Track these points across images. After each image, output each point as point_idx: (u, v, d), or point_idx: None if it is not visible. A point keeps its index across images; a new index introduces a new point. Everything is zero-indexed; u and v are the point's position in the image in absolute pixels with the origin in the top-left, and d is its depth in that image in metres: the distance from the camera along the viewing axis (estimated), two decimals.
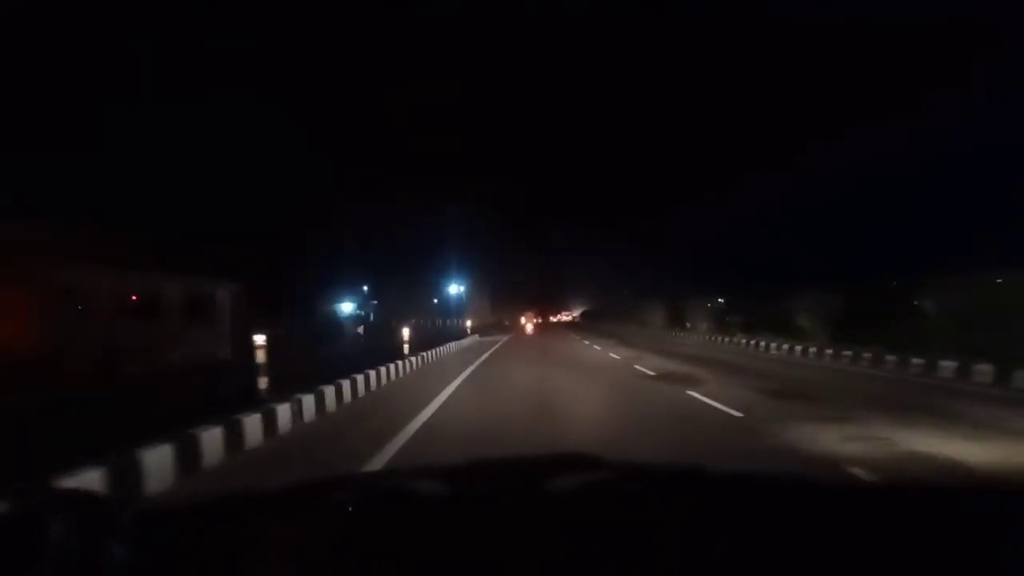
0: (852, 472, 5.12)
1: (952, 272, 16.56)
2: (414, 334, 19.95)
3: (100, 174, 19.86)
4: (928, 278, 17.60)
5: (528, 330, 55.08)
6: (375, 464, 5.71)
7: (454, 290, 45.48)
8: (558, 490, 1.27)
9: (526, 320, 69.10)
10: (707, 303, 36.46)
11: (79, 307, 12.83)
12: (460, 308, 43.15)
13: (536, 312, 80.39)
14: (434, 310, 43.38)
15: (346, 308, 42.48)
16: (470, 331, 37.76)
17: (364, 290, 48.46)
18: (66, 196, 18.42)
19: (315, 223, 29.16)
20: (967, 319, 14.13)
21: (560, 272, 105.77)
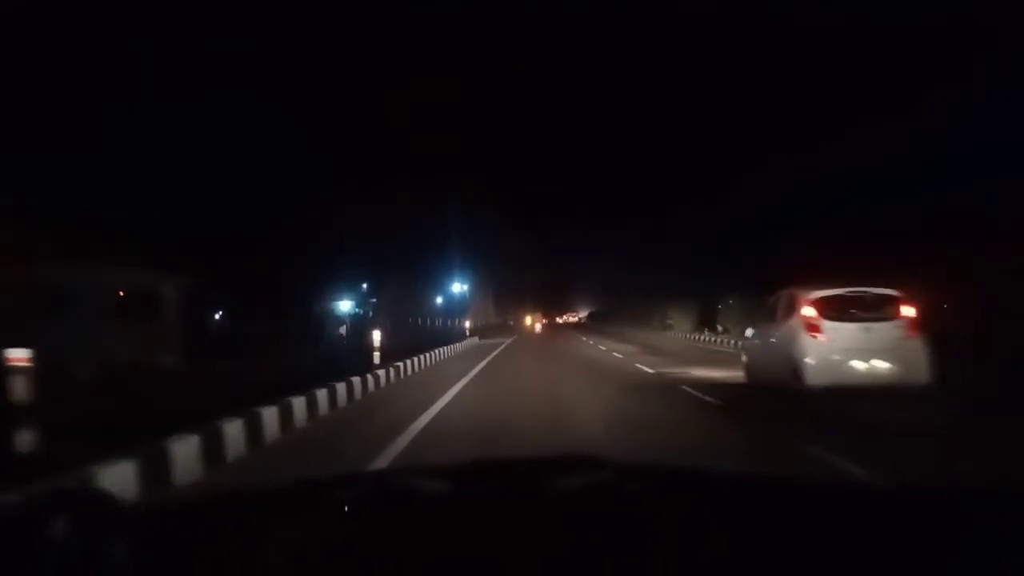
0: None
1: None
2: (388, 339, 15.67)
3: (98, 174, 19.76)
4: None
5: (536, 329, 61.01)
6: None
7: (457, 289, 44.12)
8: (560, 490, 1.27)
9: (533, 320, 71.73)
10: (688, 304, 38.49)
11: None
12: (463, 308, 41.82)
13: (543, 313, 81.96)
14: (435, 310, 42.84)
15: (344, 306, 42.02)
16: (469, 333, 35.07)
17: (363, 288, 48.19)
18: (65, 196, 18.38)
19: (313, 222, 28.90)
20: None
21: (566, 273, 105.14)
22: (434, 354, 18.42)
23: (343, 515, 1.25)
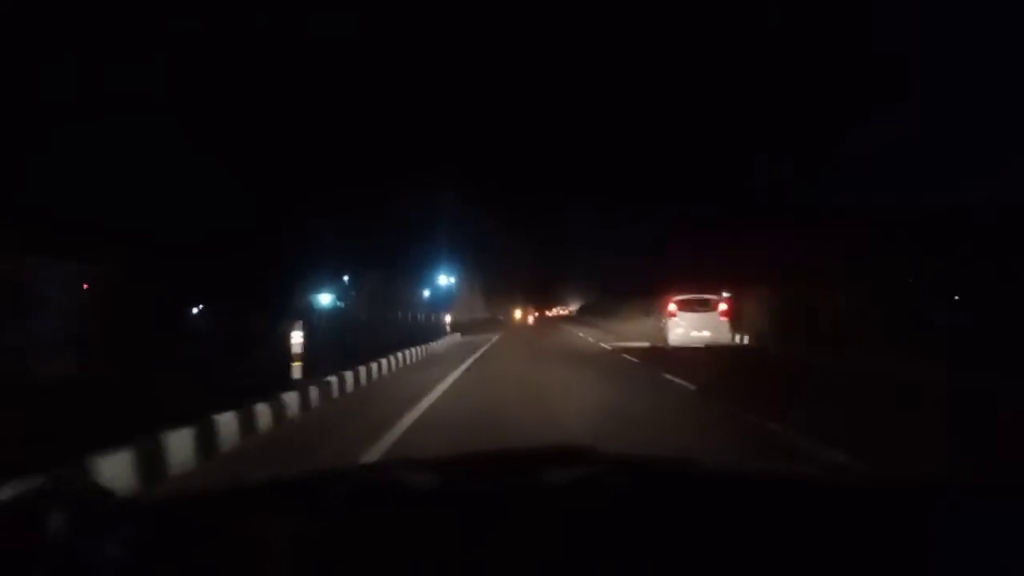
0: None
1: None
2: (311, 341, 10.47)
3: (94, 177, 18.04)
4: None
5: (529, 321, 68.82)
6: None
7: (444, 282, 41.72)
8: (549, 483, 1.28)
9: (525, 314, 75.85)
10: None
11: None
12: (448, 302, 39.02)
13: (533, 307, 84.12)
14: (421, 303, 38.12)
15: (324, 300, 36.37)
16: (450, 329, 30.65)
17: (344, 281, 41.43)
18: (65, 196, 17.20)
19: (293, 214, 27.78)
20: None
21: (556, 266, 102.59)
22: (395, 358, 14.61)
23: (329, 510, 1.23)
